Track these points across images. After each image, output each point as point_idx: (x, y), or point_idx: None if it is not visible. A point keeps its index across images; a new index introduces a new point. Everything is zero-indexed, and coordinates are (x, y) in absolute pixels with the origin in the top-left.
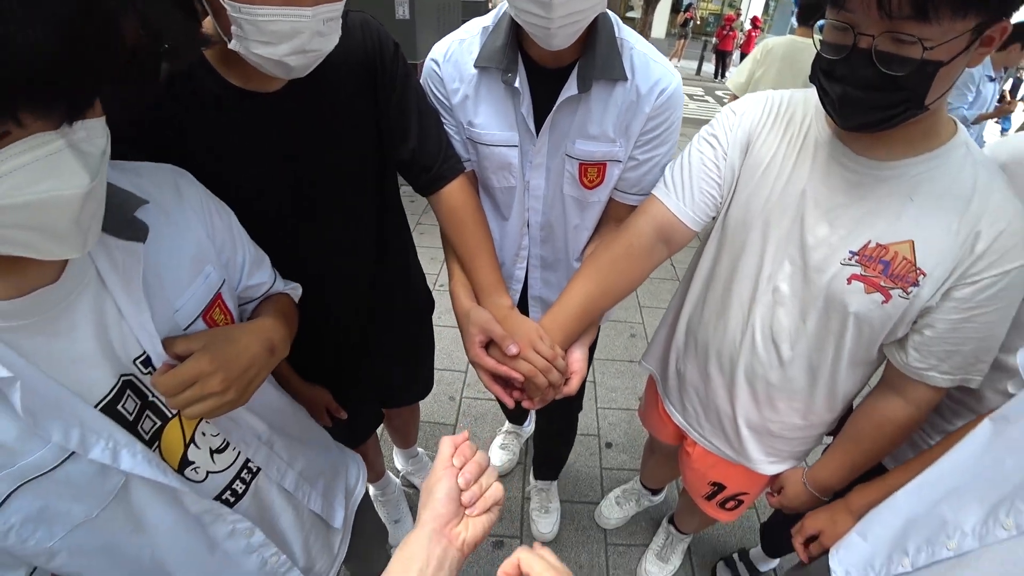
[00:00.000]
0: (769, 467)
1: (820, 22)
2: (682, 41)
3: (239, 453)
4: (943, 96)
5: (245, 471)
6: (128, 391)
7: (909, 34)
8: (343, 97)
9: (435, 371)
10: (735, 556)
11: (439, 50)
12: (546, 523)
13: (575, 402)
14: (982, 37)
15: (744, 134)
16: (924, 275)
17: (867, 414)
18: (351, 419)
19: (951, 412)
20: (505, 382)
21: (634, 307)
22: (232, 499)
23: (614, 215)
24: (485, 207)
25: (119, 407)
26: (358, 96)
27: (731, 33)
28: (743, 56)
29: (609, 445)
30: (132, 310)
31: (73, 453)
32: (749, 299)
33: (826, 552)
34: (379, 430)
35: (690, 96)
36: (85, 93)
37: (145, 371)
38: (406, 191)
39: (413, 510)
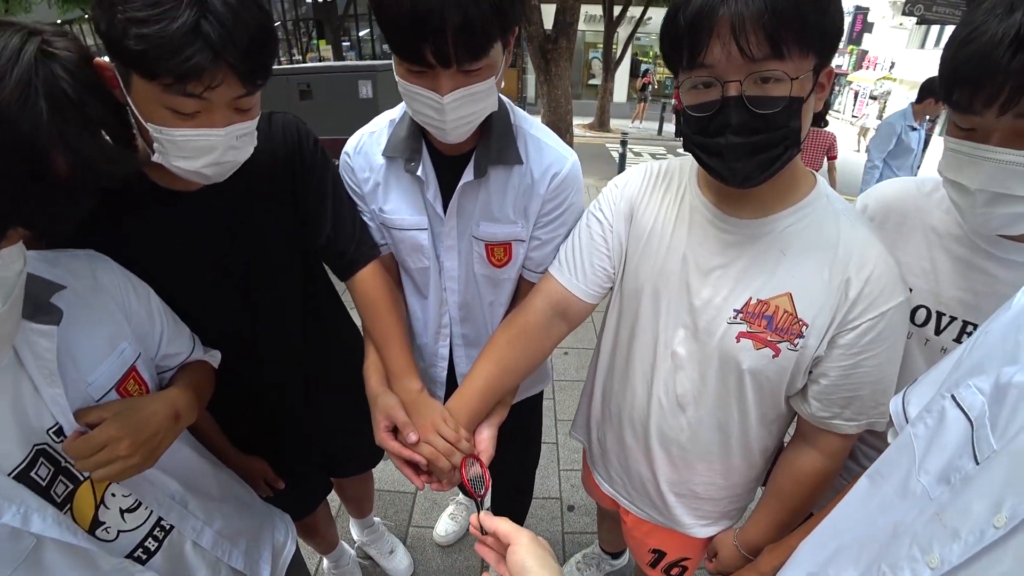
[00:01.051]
0: (701, 530)
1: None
2: (642, 104)
3: (151, 512)
4: (803, 138)
5: (158, 529)
6: (41, 459)
7: (772, 69)
8: (264, 190)
9: None
10: None
11: (351, 143)
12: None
13: (525, 464)
14: (817, 83)
15: (627, 204)
16: (807, 325)
17: (784, 470)
18: (296, 489)
19: (863, 455)
20: (414, 465)
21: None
22: (144, 556)
23: (523, 292)
24: (406, 286)
25: (32, 474)
26: (278, 188)
27: None
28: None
29: (571, 508)
30: (45, 385)
31: None
32: (650, 365)
33: None
34: (336, 501)
35: (652, 155)
36: (7, 228)
37: (57, 440)
38: None
39: None
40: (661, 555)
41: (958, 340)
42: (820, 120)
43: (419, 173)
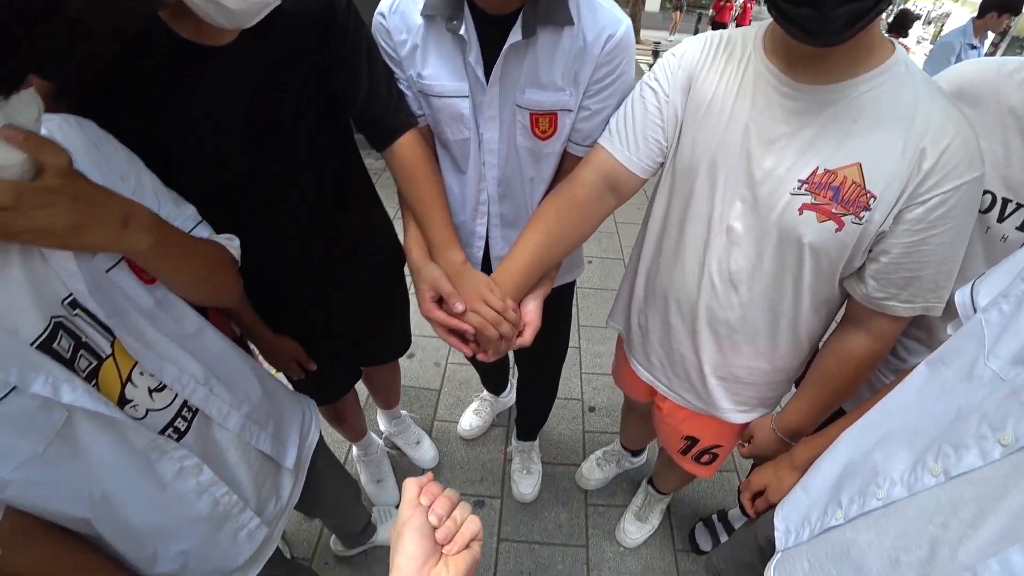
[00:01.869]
0: (738, 416)
1: None
2: (677, 14)
3: (175, 395)
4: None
5: (185, 410)
6: (61, 331)
7: None
8: (295, 49)
9: (421, 338)
10: (713, 517)
11: (385, 2)
12: (527, 484)
13: (555, 353)
14: None
15: (685, 75)
16: (874, 198)
17: (831, 352)
18: (326, 375)
19: (906, 350)
20: (460, 335)
21: (618, 276)
22: (175, 436)
23: (567, 168)
24: (443, 162)
25: (54, 346)
26: (310, 48)
27: (727, 4)
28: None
29: (592, 409)
30: (55, 255)
31: (15, 388)
32: (703, 242)
33: (772, 507)
34: (364, 394)
35: None
36: (23, 70)
37: (73, 312)
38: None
39: (396, 471)
40: (693, 442)
41: (1021, 229)
42: (903, 29)
43: (461, 32)
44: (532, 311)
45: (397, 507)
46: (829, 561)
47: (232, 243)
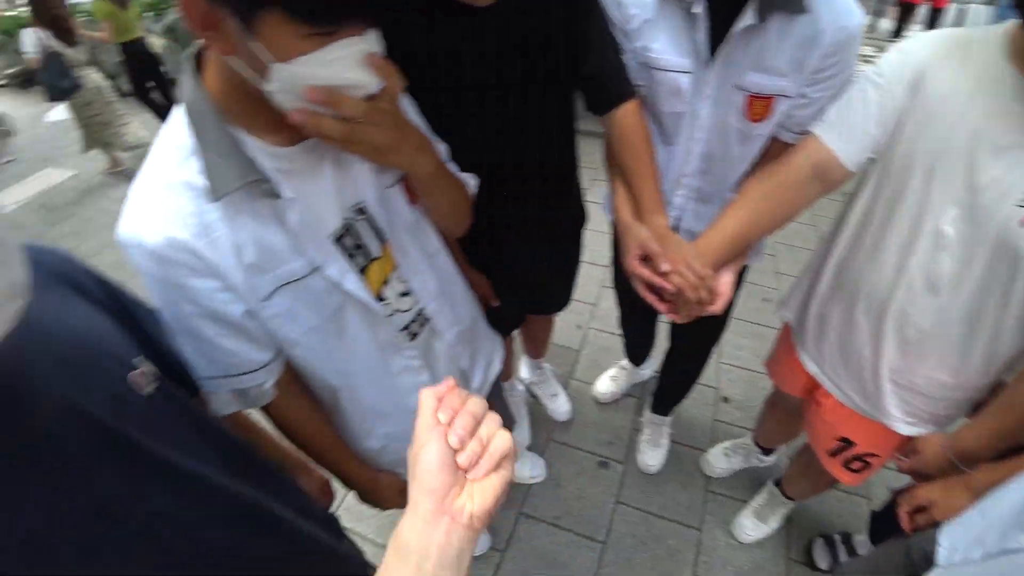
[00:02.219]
0: (906, 427)
1: None
2: None
3: (416, 302)
4: None
5: (420, 317)
6: (347, 231)
7: None
8: (545, 14)
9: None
10: (836, 536)
11: None
12: (654, 456)
13: (710, 334)
14: None
15: (912, 73)
16: None
17: None
18: (497, 314)
19: None
20: (656, 293)
21: (771, 273)
22: (409, 338)
23: (773, 152)
24: (652, 132)
25: (342, 241)
26: (553, 14)
27: None
28: (934, 12)
29: (726, 400)
30: (355, 166)
31: (316, 269)
32: (907, 242)
33: (934, 525)
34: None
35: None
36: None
37: (360, 217)
38: None
39: (531, 417)
40: (847, 445)
41: None
42: None
43: (695, 10)
44: (726, 283)
45: (529, 448)
46: None
47: (472, 182)
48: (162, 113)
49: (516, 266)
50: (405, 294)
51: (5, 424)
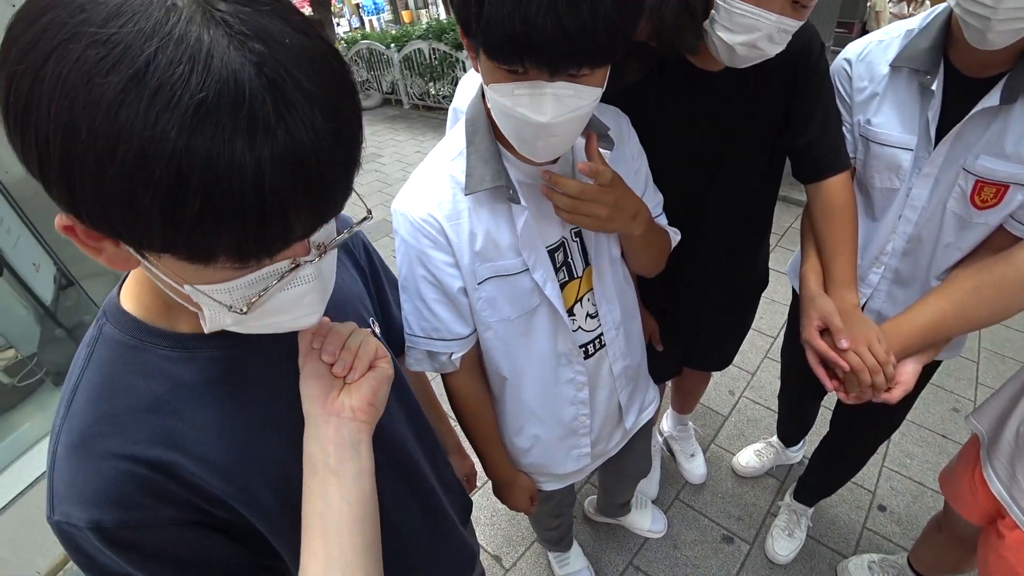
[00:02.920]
0: None
1: None
2: None
3: (599, 326)
4: None
5: (597, 340)
6: (562, 248)
7: None
8: (766, 81)
9: None
10: None
11: (854, 49)
12: (786, 546)
13: (882, 427)
14: None
15: None
16: None
17: None
18: (658, 359)
19: None
20: (828, 369)
21: (968, 381)
22: (583, 356)
23: (995, 244)
24: (858, 205)
25: (554, 254)
26: (779, 83)
27: None
28: None
29: (882, 508)
30: None
31: (526, 270)
32: None
33: None
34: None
35: None
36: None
37: (573, 239)
38: None
39: (663, 471)
40: None
41: None
42: None
43: (933, 87)
44: (910, 372)
45: (654, 502)
46: None
47: (675, 236)
48: None
49: (689, 317)
50: (592, 316)
51: (290, 349)
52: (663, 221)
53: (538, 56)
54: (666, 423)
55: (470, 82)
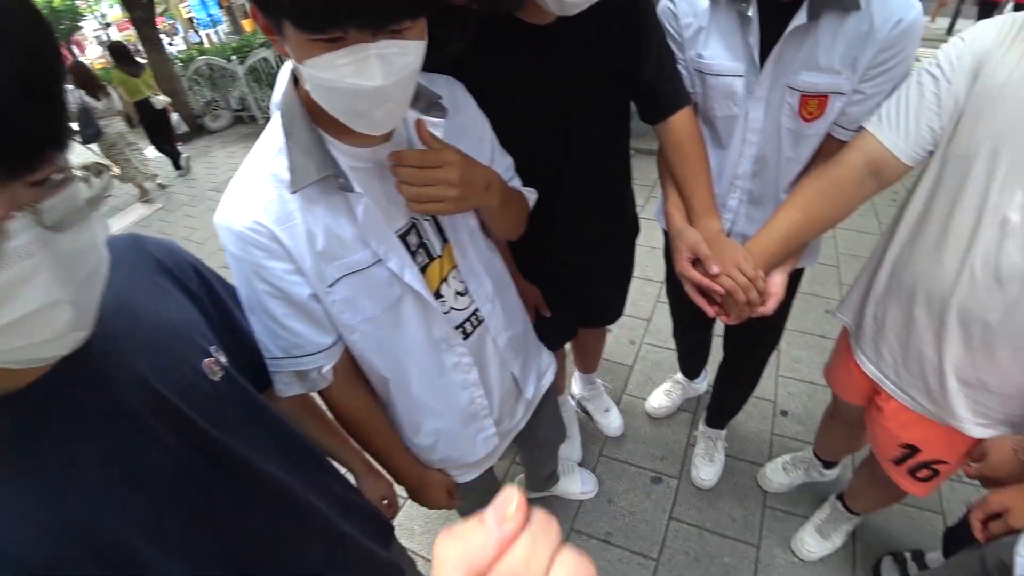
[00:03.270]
0: (977, 429)
1: None
2: None
3: (472, 302)
4: None
5: (473, 318)
6: (413, 229)
7: None
8: (602, 29)
9: (620, 316)
10: (908, 555)
11: None
12: (708, 471)
13: (765, 342)
14: None
15: (973, 60)
16: None
17: None
18: (550, 325)
19: None
20: (706, 296)
21: (834, 284)
22: (462, 336)
23: (827, 151)
24: (704, 136)
25: (407, 239)
26: (617, 30)
27: None
28: (1018, 9)
29: (784, 413)
30: None
31: (379, 261)
32: (970, 233)
33: (1010, 533)
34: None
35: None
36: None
37: (425, 217)
38: None
39: (583, 432)
40: (913, 452)
41: None
42: None
43: (749, 13)
44: (778, 283)
45: (580, 464)
46: None
47: (531, 196)
48: (173, 156)
49: (569, 277)
50: (461, 293)
51: (91, 395)
52: (517, 183)
53: (359, 15)
54: (575, 386)
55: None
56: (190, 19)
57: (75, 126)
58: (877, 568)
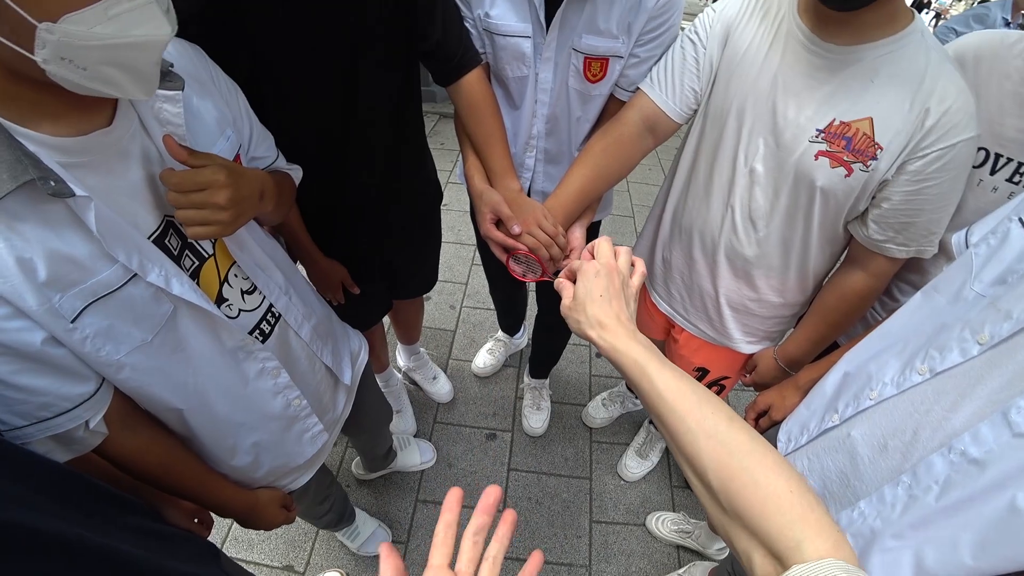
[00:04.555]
0: (747, 346)
1: None
2: None
3: (264, 297)
4: None
5: (269, 315)
6: (171, 230)
7: None
8: None
9: (438, 282)
10: None
11: None
12: (537, 419)
13: None
14: None
15: (722, 28)
16: (881, 149)
17: (833, 287)
18: (361, 302)
19: (899, 291)
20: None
21: (631, 233)
22: (260, 339)
23: (611, 111)
24: (498, 98)
25: (166, 242)
26: None
27: None
28: None
29: (599, 355)
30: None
31: (134, 276)
32: (728, 181)
33: (775, 425)
34: (386, 331)
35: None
36: None
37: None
38: None
39: (414, 403)
40: (704, 373)
41: (1010, 180)
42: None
43: None
44: (578, 237)
45: (416, 435)
46: (825, 454)
47: (296, 173)
48: None
49: (371, 250)
50: (249, 292)
51: None
52: (281, 162)
53: None
54: (400, 359)
55: None
56: None
57: None
58: None
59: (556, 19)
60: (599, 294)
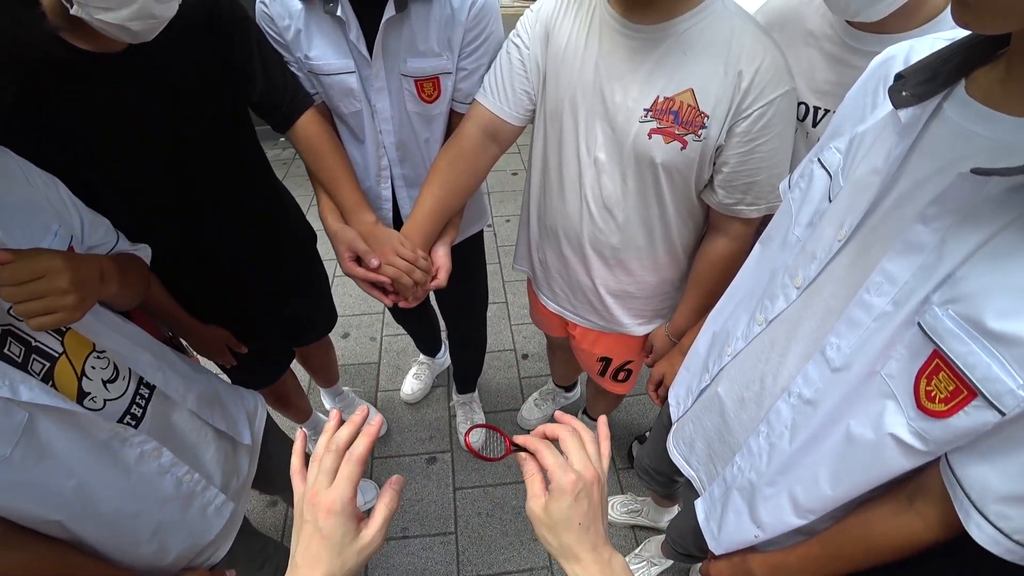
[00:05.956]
0: (639, 328)
1: None
2: None
3: (129, 380)
4: None
5: (139, 396)
6: (9, 338)
7: None
8: (186, 50)
9: (354, 316)
10: (647, 434)
11: None
12: (473, 433)
13: (476, 303)
14: None
15: (542, 27)
16: (708, 116)
17: (701, 257)
18: (257, 360)
19: None
20: (381, 288)
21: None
22: (133, 423)
23: (455, 125)
24: (342, 133)
25: (5, 351)
26: (200, 47)
27: None
28: None
29: (525, 356)
30: None
31: None
32: (577, 175)
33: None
34: (306, 379)
35: None
36: None
37: (20, 320)
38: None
39: None
40: (608, 362)
41: None
42: None
43: (339, 13)
44: (442, 255)
45: None
46: (704, 414)
47: (143, 252)
48: None
49: (260, 307)
50: (112, 380)
51: None
52: (124, 244)
53: None
54: (326, 401)
55: None
56: None
57: None
58: (630, 453)
59: (376, 49)
60: (578, 523)
